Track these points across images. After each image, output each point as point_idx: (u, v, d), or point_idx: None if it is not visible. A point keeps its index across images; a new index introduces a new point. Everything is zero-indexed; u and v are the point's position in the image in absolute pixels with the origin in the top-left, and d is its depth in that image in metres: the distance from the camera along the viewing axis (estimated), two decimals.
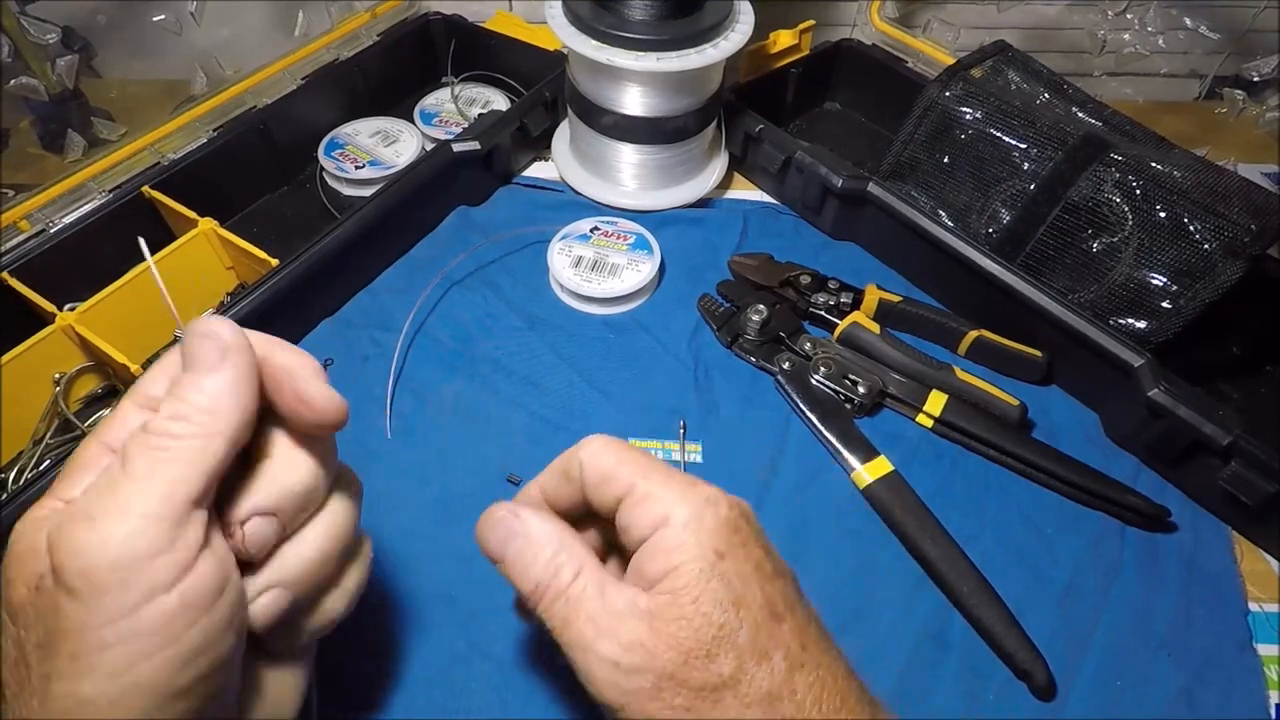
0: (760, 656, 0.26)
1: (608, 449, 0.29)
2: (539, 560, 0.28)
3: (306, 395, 0.27)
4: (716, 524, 0.27)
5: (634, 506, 0.28)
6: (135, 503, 0.22)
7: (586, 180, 0.63)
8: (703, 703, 0.25)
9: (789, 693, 0.26)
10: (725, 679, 0.25)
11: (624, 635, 0.25)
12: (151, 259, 0.30)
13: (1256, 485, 0.43)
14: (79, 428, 0.47)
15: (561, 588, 0.27)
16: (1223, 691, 0.40)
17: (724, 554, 0.26)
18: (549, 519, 0.29)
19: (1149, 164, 0.48)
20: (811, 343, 0.52)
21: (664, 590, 0.26)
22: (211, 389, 0.24)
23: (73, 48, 0.53)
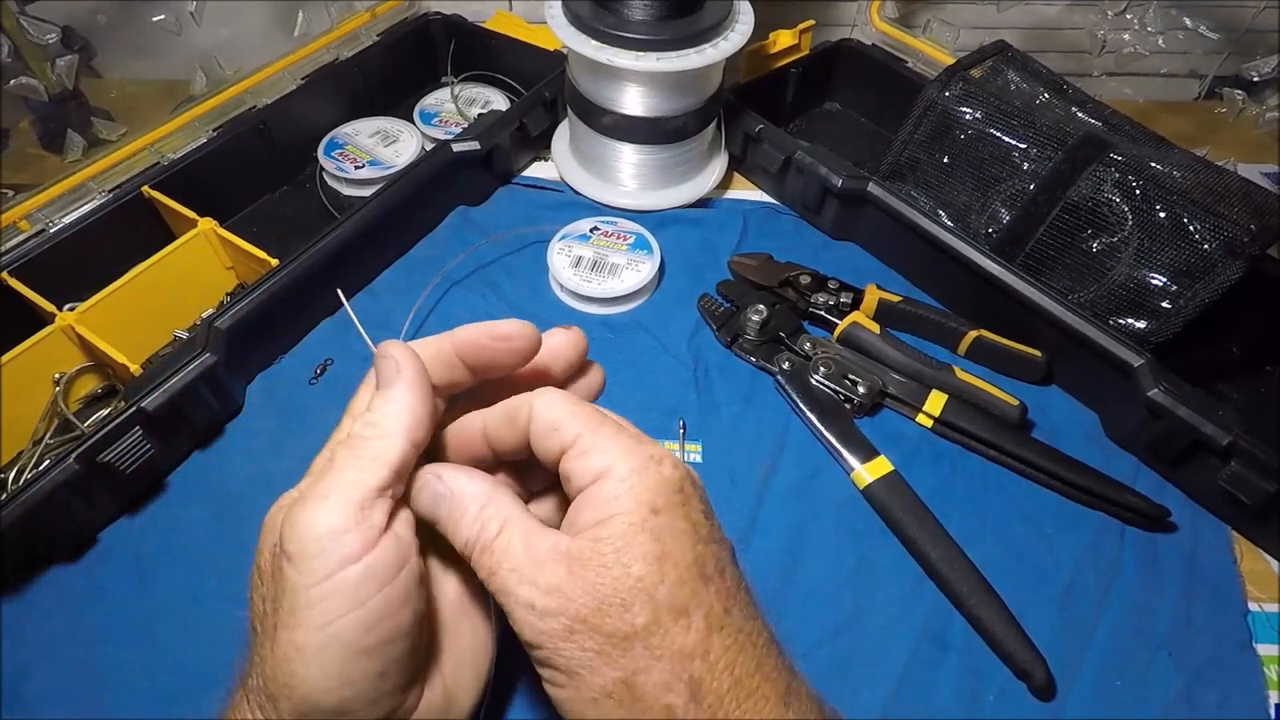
0: (678, 613, 0.26)
1: (562, 400, 0.29)
2: (466, 517, 0.29)
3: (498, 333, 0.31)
4: (658, 480, 0.27)
5: (577, 457, 0.28)
6: (333, 489, 0.27)
7: (586, 180, 0.63)
8: (613, 649, 0.26)
9: (702, 653, 0.26)
10: (637, 629, 0.26)
11: (542, 580, 0.26)
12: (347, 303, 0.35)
13: (1256, 485, 0.43)
14: (79, 428, 0.47)
15: (488, 541, 0.28)
16: (1223, 691, 0.40)
17: (659, 510, 0.27)
18: (475, 477, 0.30)
19: (1149, 164, 0.48)
20: (811, 343, 0.52)
21: (589, 537, 0.26)
22: (387, 400, 0.29)
23: (73, 48, 0.53)
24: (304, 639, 0.26)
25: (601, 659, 0.26)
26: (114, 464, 0.41)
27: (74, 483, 0.40)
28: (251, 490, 0.46)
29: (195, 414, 0.46)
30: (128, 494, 0.45)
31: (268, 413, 0.49)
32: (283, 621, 0.26)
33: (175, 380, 0.44)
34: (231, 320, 0.47)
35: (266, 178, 0.64)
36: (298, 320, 0.53)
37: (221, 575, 0.42)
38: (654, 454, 0.28)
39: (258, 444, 0.48)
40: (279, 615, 0.26)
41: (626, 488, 0.27)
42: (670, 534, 0.27)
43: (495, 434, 0.31)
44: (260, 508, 0.44)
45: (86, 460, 0.40)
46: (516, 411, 0.30)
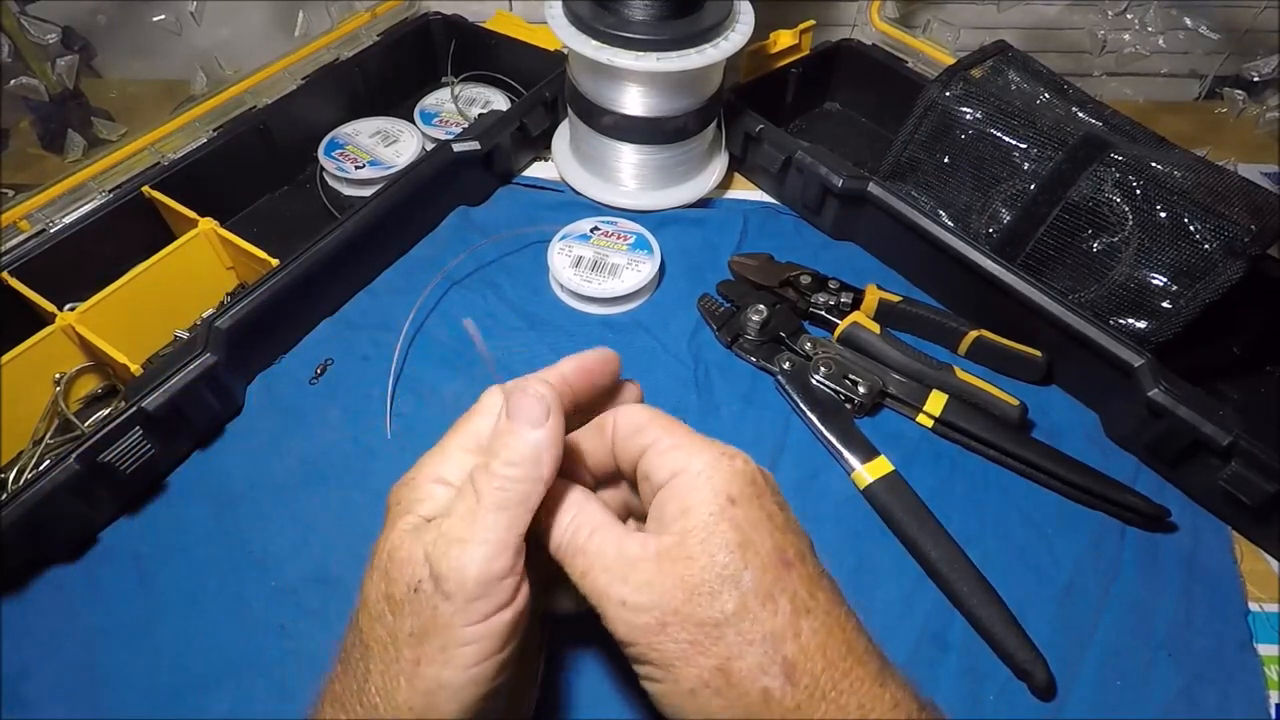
0: (765, 598, 0.27)
1: (641, 409, 0.32)
2: (561, 522, 0.30)
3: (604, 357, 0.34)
4: (732, 473, 0.29)
5: (656, 456, 0.30)
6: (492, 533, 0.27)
7: (586, 180, 0.63)
8: (705, 637, 0.26)
9: (793, 635, 0.27)
10: (728, 615, 0.26)
11: (634, 578, 0.27)
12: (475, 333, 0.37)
13: (1256, 485, 0.43)
14: (79, 428, 0.47)
15: (580, 545, 0.29)
16: (1223, 691, 0.40)
17: (735, 500, 0.28)
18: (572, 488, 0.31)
19: (1149, 164, 0.48)
20: (812, 343, 0.52)
21: (674, 531, 0.28)
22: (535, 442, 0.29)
23: (73, 48, 0.53)
24: (449, 676, 0.27)
25: (695, 649, 0.26)
26: (114, 464, 0.42)
27: (74, 483, 0.40)
28: (251, 490, 0.46)
29: (195, 414, 0.46)
30: (128, 494, 0.45)
31: (268, 413, 0.49)
32: (429, 656, 0.27)
33: (175, 380, 0.44)
34: (232, 320, 0.47)
35: (267, 178, 0.64)
36: (298, 320, 0.53)
37: (221, 575, 0.42)
38: (725, 450, 0.30)
39: (258, 444, 0.48)
40: (423, 649, 0.27)
41: (704, 480, 0.28)
42: (749, 522, 0.28)
43: (587, 445, 0.33)
44: (260, 508, 0.45)
45: (87, 460, 0.40)
46: (603, 422, 0.32)
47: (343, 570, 0.43)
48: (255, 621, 0.41)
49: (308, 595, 0.42)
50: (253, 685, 0.39)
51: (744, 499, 0.28)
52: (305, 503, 0.45)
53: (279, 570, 0.43)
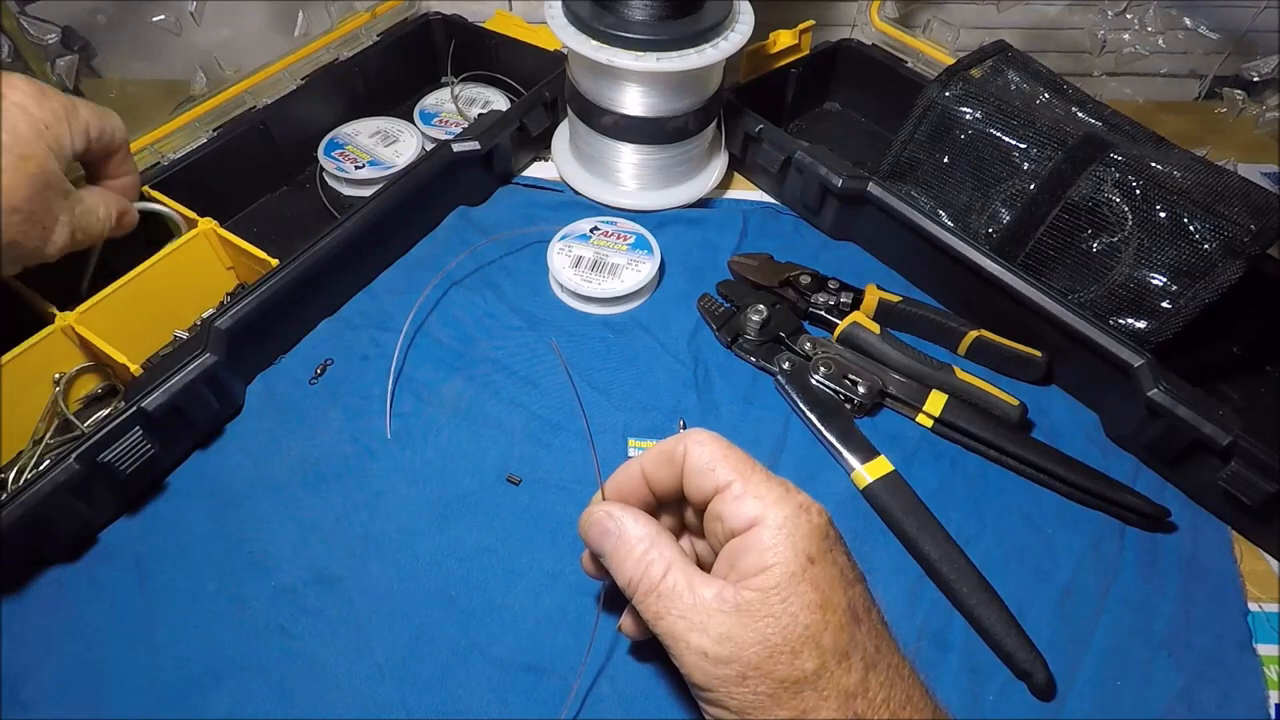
0: (841, 657, 0.28)
1: (713, 442, 0.32)
2: (631, 557, 0.31)
3: None
4: (810, 530, 0.29)
5: (731, 501, 0.30)
6: None
7: (586, 180, 0.63)
8: (785, 693, 0.28)
9: (863, 690, 0.28)
10: (808, 675, 0.28)
11: (713, 629, 0.28)
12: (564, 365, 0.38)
13: (1256, 485, 0.43)
14: (79, 428, 0.47)
15: (653, 583, 0.30)
16: (1223, 691, 0.40)
17: (814, 559, 0.29)
18: (641, 519, 0.32)
19: (1149, 164, 0.48)
20: (811, 343, 0.52)
21: (755, 587, 0.28)
22: None
23: (73, 48, 0.53)
24: None
25: (773, 701, 0.28)
26: (114, 464, 0.41)
27: (74, 483, 0.40)
28: (251, 490, 0.46)
29: (195, 414, 0.46)
30: (128, 494, 0.45)
31: (268, 413, 0.49)
32: None
33: (175, 380, 0.44)
34: (231, 320, 0.47)
35: (266, 178, 0.64)
36: (298, 320, 0.53)
37: (221, 575, 0.42)
38: (803, 502, 0.30)
39: (258, 444, 0.48)
40: None
41: (784, 536, 0.29)
42: (827, 581, 0.29)
43: (653, 473, 0.33)
44: (260, 508, 0.45)
45: (86, 460, 0.40)
46: (672, 451, 0.32)
47: (343, 570, 0.43)
48: (255, 621, 0.41)
49: (308, 595, 0.42)
50: (253, 685, 0.39)
51: (821, 557, 0.29)
52: (305, 503, 0.45)
53: (279, 570, 0.43)
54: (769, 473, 0.31)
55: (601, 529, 0.33)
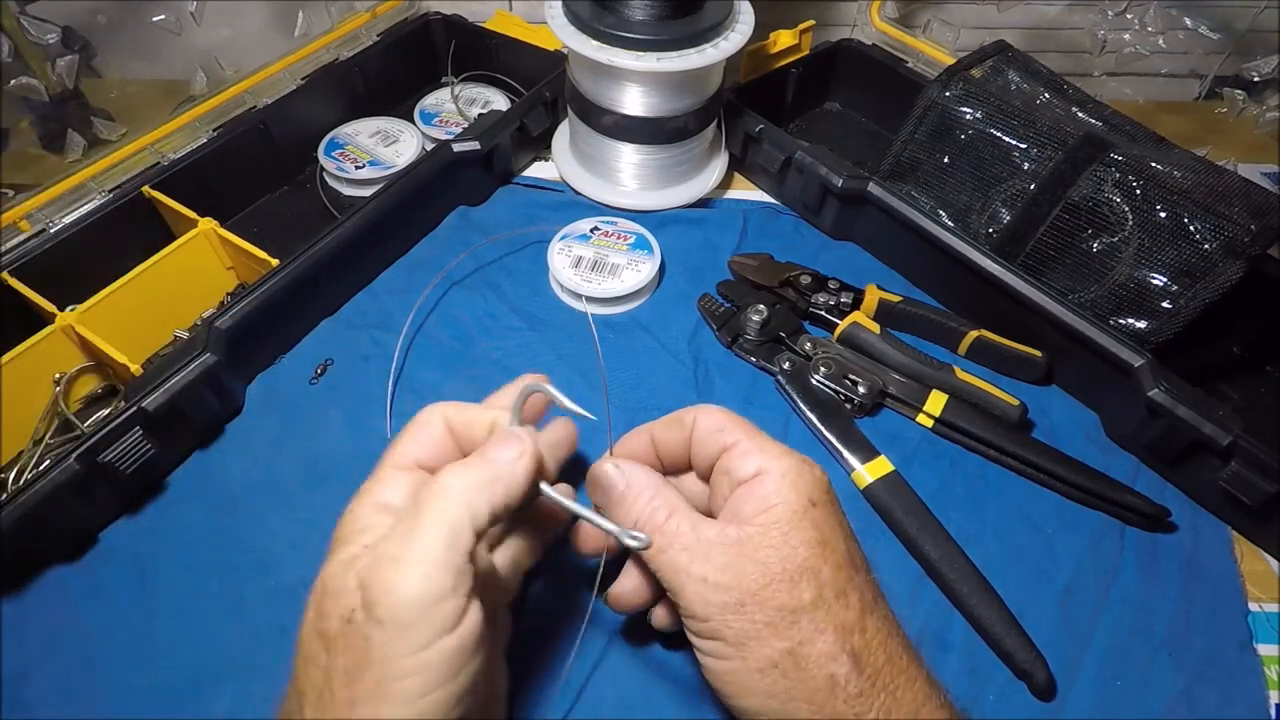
0: (839, 593, 0.29)
1: (721, 411, 0.34)
2: (639, 503, 0.32)
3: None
4: (813, 479, 0.31)
5: (739, 456, 0.32)
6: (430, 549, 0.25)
7: (586, 180, 0.63)
8: (781, 622, 0.28)
9: (860, 629, 0.29)
10: (805, 604, 0.28)
11: (715, 559, 0.29)
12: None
13: (1256, 485, 0.43)
14: (79, 428, 0.47)
15: (658, 524, 0.31)
16: (1223, 691, 0.40)
17: (816, 503, 0.30)
18: (646, 471, 0.33)
19: (1149, 164, 0.48)
20: (811, 343, 0.52)
21: (757, 523, 0.29)
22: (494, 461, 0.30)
23: (73, 48, 0.53)
24: (390, 714, 0.24)
25: (769, 630, 0.28)
26: (114, 464, 0.41)
27: (74, 483, 0.40)
28: (251, 490, 0.46)
29: (195, 414, 0.46)
30: (128, 494, 0.45)
31: (268, 413, 0.49)
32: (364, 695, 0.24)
33: (175, 380, 0.44)
34: (232, 320, 0.47)
35: (267, 178, 0.64)
36: (298, 320, 0.53)
37: (221, 575, 0.42)
38: (805, 458, 0.32)
39: (258, 444, 0.48)
40: (358, 689, 0.24)
41: (787, 482, 0.30)
42: (828, 524, 0.30)
43: (662, 438, 0.35)
44: (260, 508, 0.45)
45: (86, 460, 0.40)
46: (681, 417, 0.34)
47: None
48: (255, 622, 0.41)
49: (308, 595, 0.42)
50: (253, 685, 0.39)
51: (823, 504, 0.31)
52: (305, 503, 0.45)
53: (279, 570, 0.43)
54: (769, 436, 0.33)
55: (609, 479, 0.33)
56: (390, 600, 0.24)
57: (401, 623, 0.24)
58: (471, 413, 0.34)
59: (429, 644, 0.25)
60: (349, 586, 0.26)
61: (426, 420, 0.33)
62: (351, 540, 0.28)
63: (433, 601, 0.25)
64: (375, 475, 0.32)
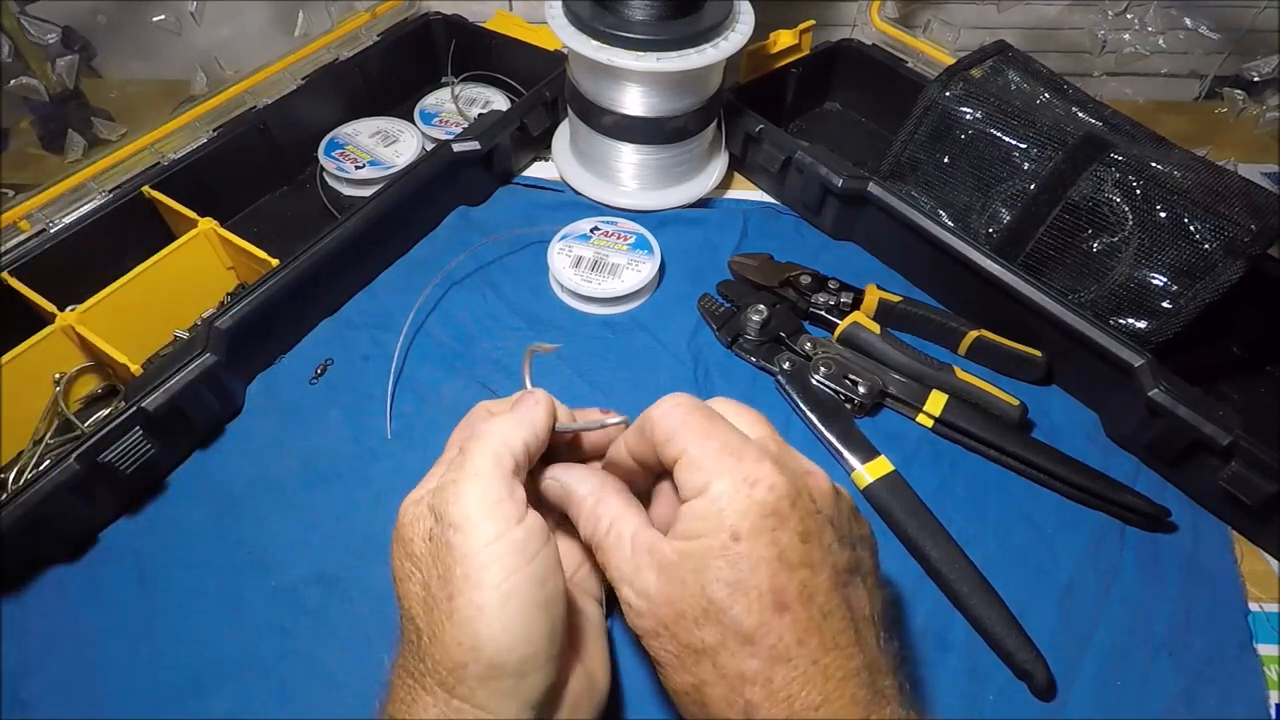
0: (743, 640, 0.27)
1: (676, 410, 0.31)
2: (583, 512, 0.33)
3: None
4: (747, 505, 0.28)
5: (684, 469, 0.30)
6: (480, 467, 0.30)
7: (586, 180, 0.63)
8: (688, 658, 0.28)
9: (764, 680, 0.27)
10: (705, 647, 0.28)
11: (638, 583, 0.29)
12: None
13: (1256, 485, 0.43)
14: (79, 428, 0.47)
15: (600, 537, 0.31)
16: (1223, 691, 0.40)
17: (741, 537, 0.27)
18: (586, 476, 0.34)
19: (1149, 164, 0.48)
20: (812, 343, 0.52)
21: (678, 551, 0.29)
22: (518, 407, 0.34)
23: (73, 48, 0.53)
24: (485, 597, 0.28)
25: (679, 662, 0.28)
26: (114, 464, 0.41)
27: (74, 483, 0.40)
28: (251, 490, 0.46)
29: (195, 414, 0.46)
30: (128, 494, 0.45)
31: (268, 413, 0.49)
32: (458, 589, 0.28)
33: (175, 380, 0.44)
34: (232, 320, 0.47)
35: (267, 178, 0.64)
36: (298, 320, 0.53)
37: (221, 575, 0.42)
38: (749, 475, 0.28)
39: (258, 444, 0.48)
40: (452, 585, 0.28)
41: (715, 509, 0.28)
42: (748, 562, 0.27)
43: (634, 449, 0.33)
44: (260, 508, 0.45)
45: (86, 460, 0.40)
46: (644, 424, 0.32)
47: (343, 570, 0.43)
48: (255, 621, 0.41)
49: (308, 595, 0.42)
50: (253, 685, 0.39)
51: (751, 534, 0.27)
52: (305, 503, 0.45)
53: (279, 570, 0.43)
54: (733, 438, 0.30)
55: (551, 494, 0.34)
56: (458, 508, 0.29)
57: (472, 522, 0.29)
58: None
59: (501, 535, 0.29)
60: (422, 514, 0.31)
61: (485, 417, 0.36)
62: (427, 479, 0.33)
63: (493, 503, 0.29)
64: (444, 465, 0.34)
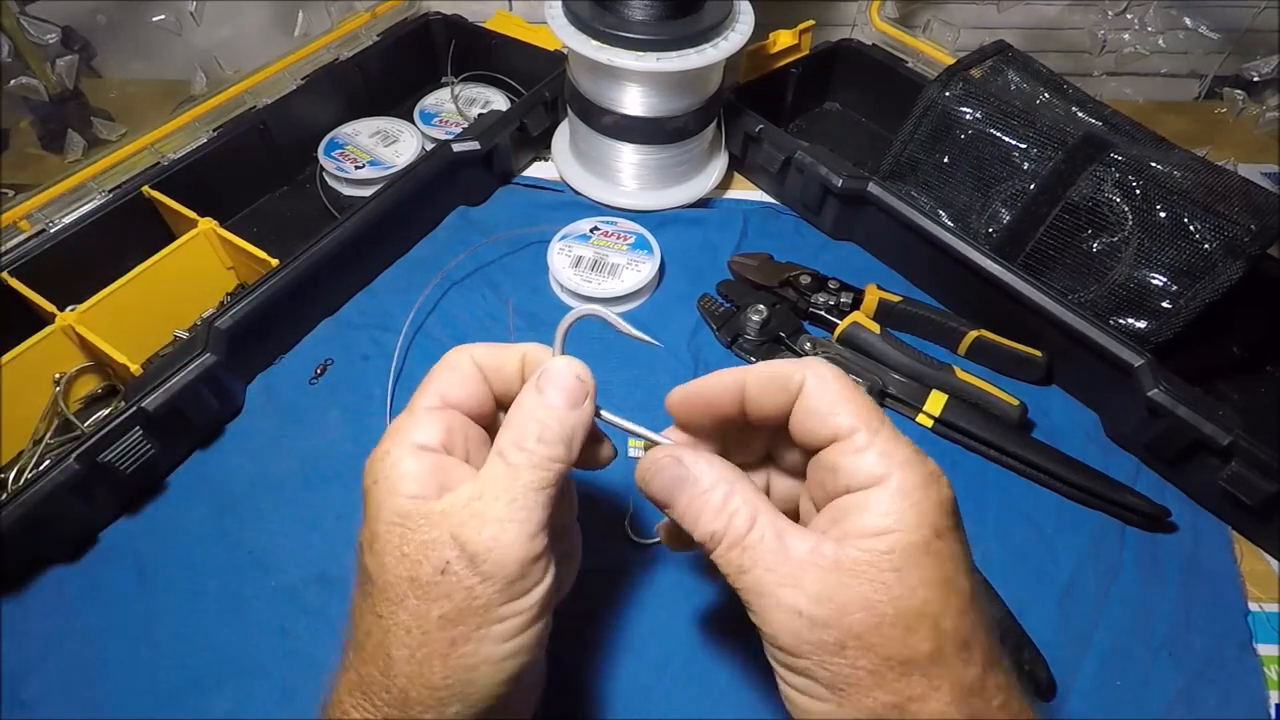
0: (961, 645, 0.24)
1: (837, 380, 0.28)
2: (710, 507, 0.27)
3: None
4: (939, 501, 0.26)
5: (853, 453, 0.26)
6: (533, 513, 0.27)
7: (586, 180, 0.63)
8: (890, 672, 0.24)
9: (980, 688, 0.24)
10: (919, 657, 0.24)
11: (809, 586, 0.25)
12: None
13: (1256, 485, 0.43)
14: (79, 428, 0.47)
15: (738, 536, 0.26)
16: (1223, 691, 0.40)
17: (941, 534, 0.25)
18: (716, 463, 0.29)
19: (1149, 164, 0.48)
20: (811, 343, 0.52)
21: (865, 549, 0.25)
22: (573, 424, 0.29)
23: (73, 48, 0.53)
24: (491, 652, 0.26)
25: (874, 679, 0.24)
26: (114, 464, 0.41)
27: (74, 483, 0.40)
28: (251, 490, 0.46)
29: (195, 414, 0.46)
30: (128, 494, 0.45)
31: (268, 413, 0.49)
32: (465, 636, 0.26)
33: (175, 380, 0.44)
34: (232, 320, 0.47)
35: (266, 178, 0.64)
36: (298, 320, 0.53)
37: (221, 575, 0.42)
38: (934, 470, 0.26)
39: (258, 444, 0.48)
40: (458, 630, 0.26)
41: (910, 503, 0.25)
42: (952, 560, 0.25)
43: (756, 396, 0.29)
44: (260, 508, 0.45)
45: (86, 460, 0.40)
46: (788, 378, 0.28)
47: (343, 570, 0.43)
48: (255, 621, 0.41)
49: (308, 595, 0.42)
50: (253, 685, 0.39)
51: (948, 531, 0.25)
52: (305, 503, 0.45)
53: (279, 570, 0.43)
54: (895, 429, 0.27)
55: (671, 477, 0.28)
56: (496, 557, 0.26)
57: (508, 578, 0.26)
58: (500, 351, 0.32)
59: (529, 591, 0.27)
60: (441, 539, 0.26)
61: (455, 362, 0.31)
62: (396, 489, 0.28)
63: (532, 557, 0.27)
64: (408, 414, 0.30)
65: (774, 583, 0.25)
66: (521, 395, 0.29)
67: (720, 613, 0.42)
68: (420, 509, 0.27)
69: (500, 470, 0.27)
